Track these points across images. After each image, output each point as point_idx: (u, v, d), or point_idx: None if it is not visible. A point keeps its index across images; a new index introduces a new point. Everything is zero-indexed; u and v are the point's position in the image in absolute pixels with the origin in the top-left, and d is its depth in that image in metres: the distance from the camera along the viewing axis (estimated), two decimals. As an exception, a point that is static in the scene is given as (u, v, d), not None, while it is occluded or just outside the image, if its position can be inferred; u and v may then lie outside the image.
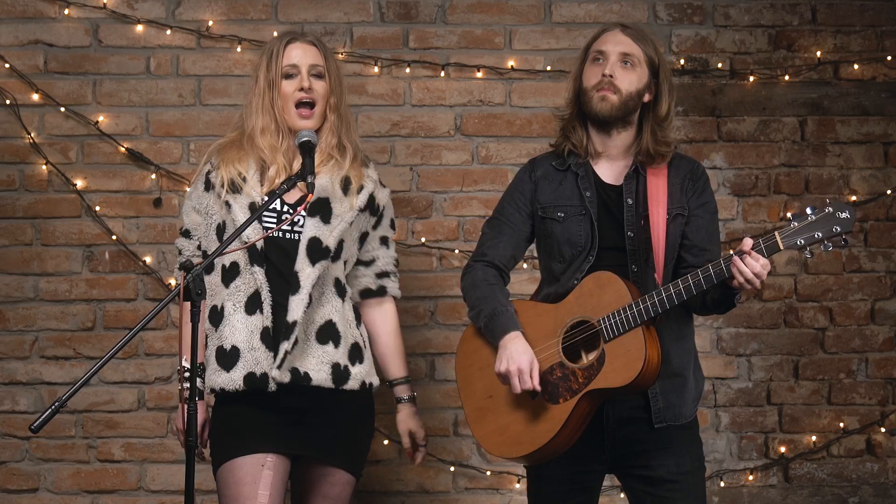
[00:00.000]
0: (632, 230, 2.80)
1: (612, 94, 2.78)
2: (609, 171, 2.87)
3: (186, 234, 3.03)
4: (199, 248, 3.00)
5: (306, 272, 2.86)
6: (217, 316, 2.90)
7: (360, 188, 2.99)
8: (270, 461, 2.83)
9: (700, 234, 2.83)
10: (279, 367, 2.81)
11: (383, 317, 3.12)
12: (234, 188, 2.92)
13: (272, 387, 2.81)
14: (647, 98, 2.85)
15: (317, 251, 2.89)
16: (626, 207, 2.81)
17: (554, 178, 2.90)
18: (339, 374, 2.89)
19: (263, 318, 2.84)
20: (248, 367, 2.83)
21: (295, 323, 2.83)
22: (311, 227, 2.90)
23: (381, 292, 3.10)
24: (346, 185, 2.97)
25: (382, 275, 3.10)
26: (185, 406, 2.76)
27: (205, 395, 2.96)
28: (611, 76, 2.78)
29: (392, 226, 3.14)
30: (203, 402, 2.96)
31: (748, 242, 2.58)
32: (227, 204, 2.91)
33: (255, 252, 2.87)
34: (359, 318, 3.03)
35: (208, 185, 2.98)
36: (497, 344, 2.79)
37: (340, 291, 2.96)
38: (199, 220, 2.99)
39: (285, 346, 2.82)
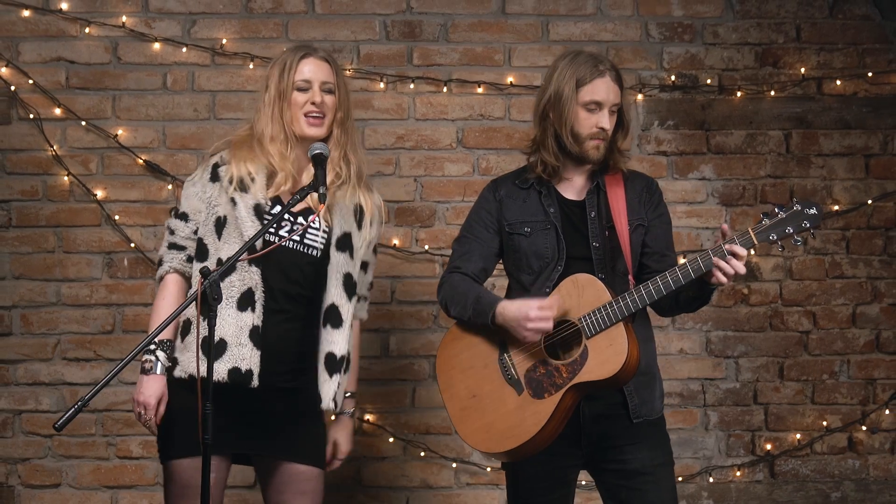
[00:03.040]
0: (597, 241, 2.94)
1: (604, 142, 2.95)
2: (570, 188, 3.02)
3: (183, 216, 3.00)
4: (194, 233, 2.98)
5: (345, 307, 2.96)
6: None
7: (371, 220, 3.05)
8: (214, 463, 2.79)
9: (660, 242, 2.99)
10: (333, 399, 2.92)
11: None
12: (242, 186, 2.93)
13: (255, 384, 2.83)
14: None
15: (350, 287, 2.98)
16: (590, 220, 2.96)
17: (518, 196, 3.04)
18: (340, 396, 3.01)
19: (254, 317, 2.86)
20: (234, 362, 2.84)
21: (344, 358, 2.95)
22: (342, 262, 2.97)
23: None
24: (359, 218, 3.02)
25: (358, 299, 3.09)
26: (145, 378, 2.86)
27: (164, 371, 2.91)
28: (606, 129, 2.92)
29: (374, 250, 3.15)
30: (163, 377, 2.89)
31: (726, 228, 2.71)
32: (233, 201, 2.92)
33: (254, 251, 2.83)
34: None
35: (215, 177, 2.98)
36: (488, 319, 2.88)
37: (352, 322, 3.03)
38: (201, 207, 2.98)
39: (337, 378, 2.94)
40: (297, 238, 2.94)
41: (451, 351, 3.05)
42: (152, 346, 2.92)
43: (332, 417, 3.05)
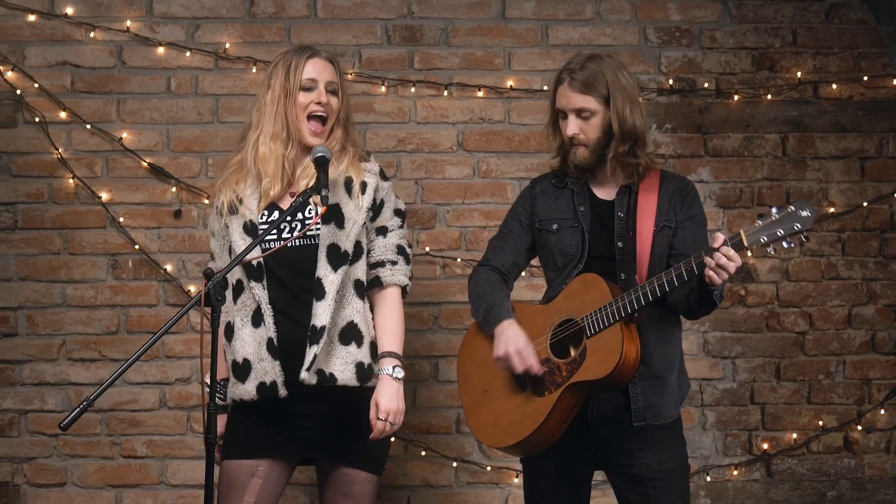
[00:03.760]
0: (622, 241, 2.97)
1: (582, 147, 2.98)
2: (603, 188, 3.06)
3: (212, 256, 3.19)
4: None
5: (329, 279, 2.95)
6: (230, 331, 3.02)
7: (364, 186, 3.05)
8: (262, 469, 2.95)
9: (686, 244, 2.97)
10: (308, 369, 2.90)
11: (381, 300, 3.11)
12: (232, 210, 3.04)
13: (282, 393, 2.92)
14: (615, 125, 2.97)
15: (336, 257, 2.97)
16: (618, 220, 2.99)
17: (552, 194, 3.10)
18: (364, 372, 3.00)
19: (266, 330, 2.94)
20: (259, 378, 2.94)
21: (324, 328, 2.92)
22: (327, 234, 2.97)
23: (375, 282, 3.10)
24: (348, 186, 3.04)
25: (376, 265, 3.10)
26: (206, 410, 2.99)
27: (224, 409, 3.09)
28: (573, 136, 2.96)
29: (396, 213, 3.14)
30: (223, 416, 3.08)
31: (720, 237, 2.72)
32: (227, 226, 3.04)
33: (251, 268, 2.96)
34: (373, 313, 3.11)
35: (219, 212, 3.10)
36: (493, 332, 2.97)
37: (360, 292, 3.04)
38: (216, 243, 3.15)
39: (315, 349, 2.90)
40: (298, 233, 2.98)
41: (471, 346, 3.14)
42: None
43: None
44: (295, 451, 3.00)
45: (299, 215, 3.01)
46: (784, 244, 2.70)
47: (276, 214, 3.01)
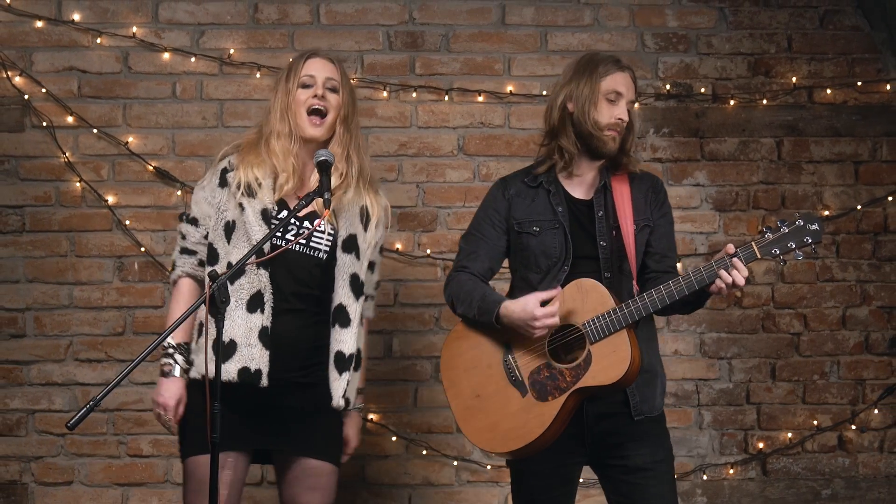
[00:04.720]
0: (604, 240, 2.99)
1: (619, 135, 3.00)
2: (578, 187, 3.06)
3: (193, 221, 3.07)
4: (205, 238, 3.05)
5: (353, 307, 3.02)
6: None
7: (378, 222, 3.11)
8: (231, 461, 2.92)
9: (662, 243, 3.04)
10: (343, 396, 2.98)
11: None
12: (250, 192, 2.99)
13: (264, 382, 2.90)
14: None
15: (357, 287, 3.04)
16: (598, 220, 3.00)
17: (527, 195, 3.07)
18: (351, 394, 3.06)
19: (263, 318, 2.92)
20: (243, 362, 2.89)
21: (352, 356, 3.00)
22: (349, 263, 3.03)
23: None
24: (365, 220, 3.09)
25: (364, 298, 3.13)
26: (165, 380, 2.95)
27: (186, 375, 2.99)
28: (623, 121, 2.99)
29: (380, 250, 3.21)
30: (181, 379, 2.98)
31: (731, 248, 2.78)
32: (241, 206, 2.98)
33: (262, 254, 2.90)
34: None
35: (223, 183, 3.04)
36: (493, 318, 2.93)
37: (360, 320, 3.10)
38: (210, 212, 3.04)
39: (346, 376, 2.99)
40: (304, 241, 3.00)
41: (456, 350, 3.09)
42: (171, 350, 3.02)
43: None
44: (261, 443, 2.99)
45: (305, 222, 3.02)
46: (794, 256, 2.80)
47: (284, 213, 3.02)
